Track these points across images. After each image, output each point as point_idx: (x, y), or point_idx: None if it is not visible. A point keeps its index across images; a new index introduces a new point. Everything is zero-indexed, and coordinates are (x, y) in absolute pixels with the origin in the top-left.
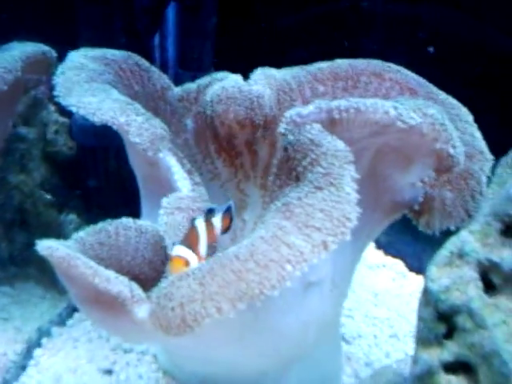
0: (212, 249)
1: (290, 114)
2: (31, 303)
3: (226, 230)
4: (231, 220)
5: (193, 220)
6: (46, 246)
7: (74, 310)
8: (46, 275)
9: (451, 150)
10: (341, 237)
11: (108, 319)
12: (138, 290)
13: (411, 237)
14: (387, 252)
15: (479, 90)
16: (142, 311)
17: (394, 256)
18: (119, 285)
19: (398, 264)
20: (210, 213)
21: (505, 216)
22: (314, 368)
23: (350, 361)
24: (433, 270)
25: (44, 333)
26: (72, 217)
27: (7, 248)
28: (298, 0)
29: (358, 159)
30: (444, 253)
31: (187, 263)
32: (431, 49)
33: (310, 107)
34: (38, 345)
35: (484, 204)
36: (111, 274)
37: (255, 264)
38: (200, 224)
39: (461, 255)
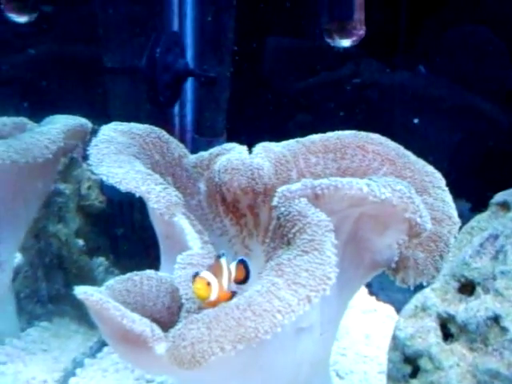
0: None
1: (281, 189)
2: (67, 337)
3: (242, 280)
4: (247, 272)
5: (218, 256)
6: (82, 292)
7: (104, 344)
8: (79, 312)
9: (418, 219)
10: (322, 292)
11: (132, 354)
12: (157, 330)
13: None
14: (379, 298)
15: None
16: (160, 348)
17: (385, 301)
18: (142, 325)
19: (389, 309)
20: (221, 256)
21: (461, 277)
22: None
23: None
24: (400, 320)
25: (78, 363)
26: (101, 260)
27: (46, 288)
28: (302, 72)
29: (341, 226)
30: (410, 306)
31: (209, 284)
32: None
33: (298, 185)
34: (73, 374)
35: (445, 265)
36: (136, 316)
37: (252, 313)
38: (224, 262)
39: (423, 308)
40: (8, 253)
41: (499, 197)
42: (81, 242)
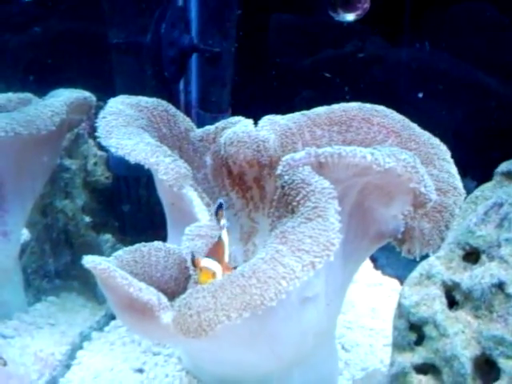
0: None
1: (285, 158)
2: (74, 311)
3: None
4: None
5: (219, 206)
6: (90, 260)
7: (111, 318)
8: (87, 287)
9: (423, 189)
10: (326, 258)
11: (139, 323)
12: (164, 299)
13: (406, 259)
14: (384, 272)
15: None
16: (166, 317)
17: (391, 276)
18: (149, 294)
19: (394, 283)
20: (219, 208)
21: (465, 245)
22: (314, 370)
23: (348, 366)
24: (405, 288)
25: (85, 337)
26: (108, 237)
27: (53, 263)
28: (306, 47)
29: (346, 196)
30: (415, 274)
31: (214, 275)
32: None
33: (302, 153)
34: (81, 347)
35: (449, 234)
36: (143, 285)
37: (257, 280)
38: (225, 236)
39: (428, 276)
40: (15, 224)
41: (504, 166)
42: (87, 217)
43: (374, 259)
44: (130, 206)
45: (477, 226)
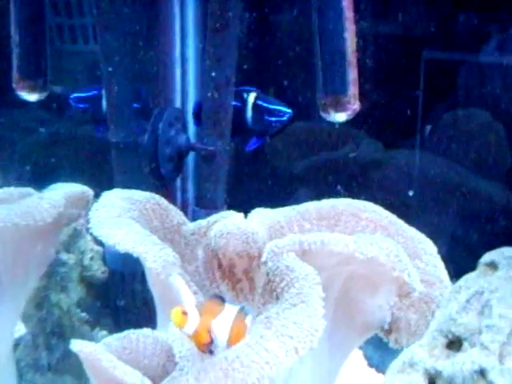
0: None
1: (270, 245)
2: None
3: None
4: None
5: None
6: (77, 344)
7: None
8: (78, 382)
9: (407, 278)
10: (310, 344)
11: None
12: (148, 383)
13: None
14: (379, 370)
15: None
16: None
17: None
18: (133, 377)
19: None
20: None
21: (448, 332)
22: None
23: None
24: (388, 376)
25: None
26: (103, 332)
27: (47, 357)
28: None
29: (331, 284)
30: (398, 362)
31: (185, 313)
32: (411, 193)
33: (286, 239)
34: None
35: (432, 322)
36: (128, 368)
37: (240, 364)
38: (230, 308)
39: (411, 364)
40: (9, 317)
41: (487, 257)
42: (82, 312)
43: (368, 357)
44: (125, 301)
45: (458, 314)
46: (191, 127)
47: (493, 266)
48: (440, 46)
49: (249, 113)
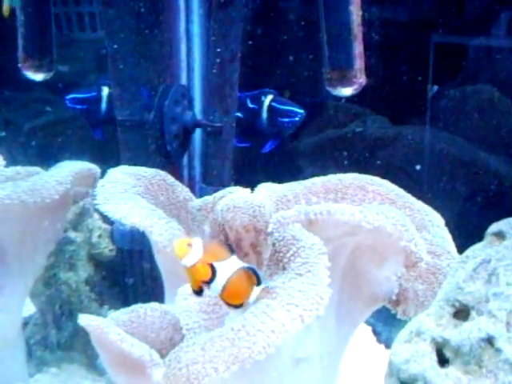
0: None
1: (276, 216)
2: (74, 382)
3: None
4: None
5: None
6: (84, 318)
7: None
8: (88, 359)
9: (414, 248)
10: (316, 312)
11: (131, 381)
12: (156, 355)
13: None
14: (388, 346)
15: None
16: (157, 374)
17: None
18: (141, 350)
19: None
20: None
21: (455, 301)
22: None
23: None
24: (395, 346)
25: None
26: (112, 310)
27: (56, 335)
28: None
29: (338, 255)
30: (405, 332)
31: (190, 245)
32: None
33: (292, 211)
34: None
35: (439, 291)
36: (135, 341)
37: (246, 333)
38: (236, 262)
39: (418, 333)
40: (17, 295)
41: (494, 227)
42: (91, 290)
43: (377, 333)
44: (134, 279)
45: (465, 283)
46: (197, 104)
47: (500, 235)
48: (449, 27)
49: (264, 114)
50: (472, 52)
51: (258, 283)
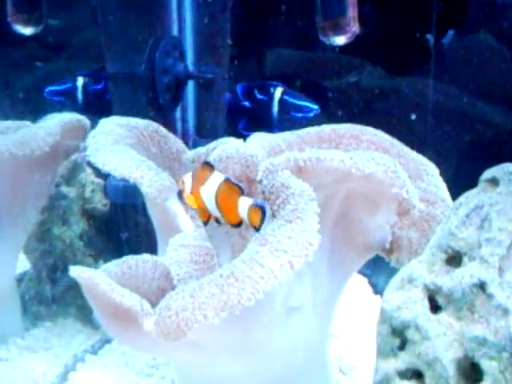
0: None
1: (264, 163)
2: (70, 336)
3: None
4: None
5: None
6: (75, 269)
7: (106, 342)
8: (83, 313)
9: (405, 194)
10: (305, 258)
11: (124, 332)
12: (147, 305)
13: None
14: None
15: None
16: (149, 323)
17: None
18: (132, 300)
19: None
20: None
21: (447, 248)
22: None
23: None
24: (387, 293)
25: (79, 359)
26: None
27: (51, 289)
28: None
29: (329, 204)
30: (397, 279)
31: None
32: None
33: (281, 158)
34: (74, 369)
35: (432, 238)
36: (126, 291)
37: (235, 280)
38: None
39: (410, 280)
40: (8, 248)
41: (488, 173)
42: (85, 245)
43: (373, 284)
44: (128, 234)
45: (458, 229)
46: (189, 55)
47: (494, 182)
48: None
49: (275, 108)
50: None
51: (242, 193)
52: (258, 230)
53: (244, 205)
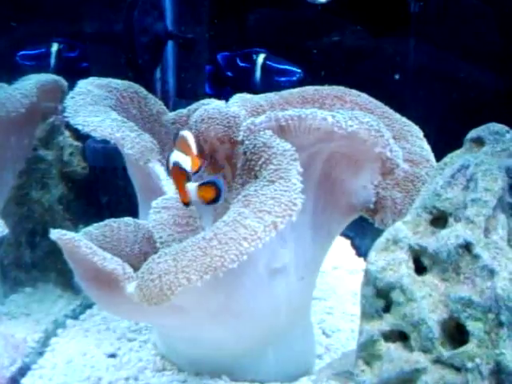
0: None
1: (246, 123)
2: (50, 301)
3: (212, 200)
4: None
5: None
6: (56, 232)
7: (87, 307)
8: (63, 278)
9: (389, 154)
10: (288, 218)
11: (106, 296)
12: (129, 269)
13: None
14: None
15: None
16: (131, 287)
17: None
18: (114, 263)
19: None
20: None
21: (432, 208)
22: (289, 349)
23: (329, 351)
24: (372, 254)
25: (60, 324)
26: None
27: (30, 254)
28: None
29: (312, 164)
30: (381, 240)
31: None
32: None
33: (262, 117)
34: (55, 334)
35: (417, 199)
36: (107, 254)
37: (218, 242)
38: (187, 133)
39: (395, 241)
40: None
41: (473, 133)
42: (64, 209)
43: (357, 247)
44: (108, 197)
45: (443, 189)
46: (168, 15)
47: (479, 141)
48: None
49: (258, 74)
50: None
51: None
52: (215, 202)
53: (190, 190)
